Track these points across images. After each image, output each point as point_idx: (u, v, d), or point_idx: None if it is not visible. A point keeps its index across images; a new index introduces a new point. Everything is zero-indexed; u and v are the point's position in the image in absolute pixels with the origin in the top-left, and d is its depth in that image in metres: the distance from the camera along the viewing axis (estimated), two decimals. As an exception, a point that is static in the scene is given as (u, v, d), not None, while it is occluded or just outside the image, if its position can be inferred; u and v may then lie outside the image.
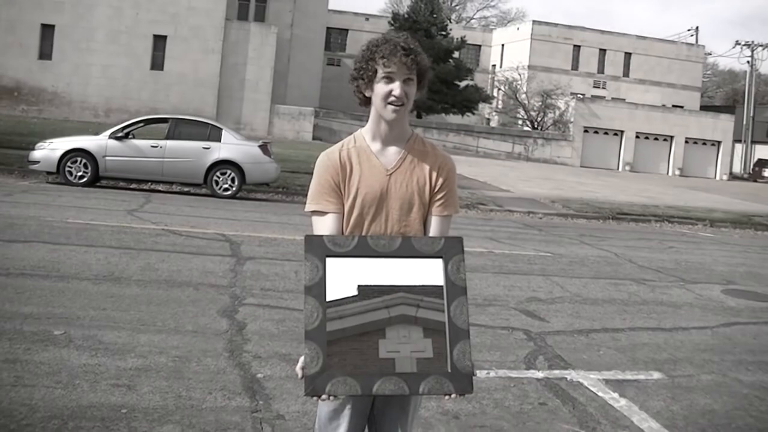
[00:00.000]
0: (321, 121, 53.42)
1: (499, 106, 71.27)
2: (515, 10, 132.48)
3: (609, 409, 6.44)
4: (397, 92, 3.35)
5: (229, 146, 20.29)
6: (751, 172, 71.79)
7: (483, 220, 20.62)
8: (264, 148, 20.84)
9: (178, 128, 20.46)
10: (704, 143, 65.46)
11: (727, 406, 6.83)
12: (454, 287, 3.08)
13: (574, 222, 23.11)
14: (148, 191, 20.21)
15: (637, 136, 63.21)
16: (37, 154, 19.77)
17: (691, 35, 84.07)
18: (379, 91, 3.38)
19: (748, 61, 76.00)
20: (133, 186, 20.68)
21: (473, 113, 65.41)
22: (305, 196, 3.55)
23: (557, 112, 63.17)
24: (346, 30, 73.78)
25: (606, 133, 62.41)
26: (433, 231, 3.46)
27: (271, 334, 7.63)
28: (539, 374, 7.20)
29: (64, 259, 10.24)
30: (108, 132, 20.20)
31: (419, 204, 3.46)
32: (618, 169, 62.02)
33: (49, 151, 19.66)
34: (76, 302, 8.18)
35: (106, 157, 19.59)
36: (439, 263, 3.10)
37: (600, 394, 6.78)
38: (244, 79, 50.40)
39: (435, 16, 64.74)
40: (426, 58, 3.47)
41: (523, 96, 66.07)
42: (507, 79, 68.93)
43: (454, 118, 64.41)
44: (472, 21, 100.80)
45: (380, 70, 3.38)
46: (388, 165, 3.46)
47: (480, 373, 6.81)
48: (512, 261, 13.77)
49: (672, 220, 25.26)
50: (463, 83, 63.13)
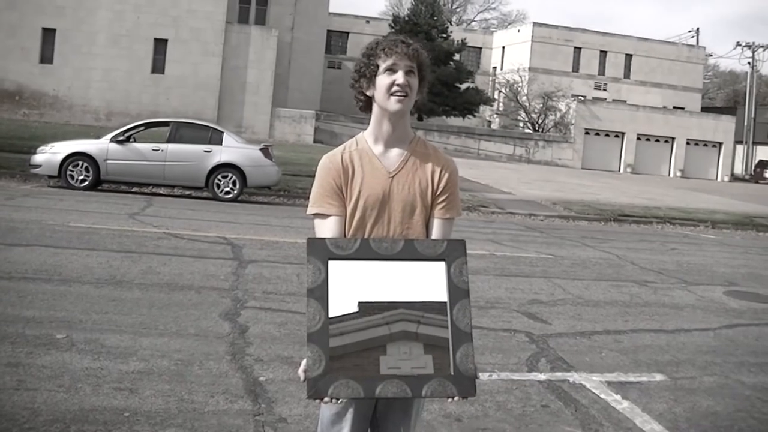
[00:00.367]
0: (322, 124, 53.44)
1: (500, 109, 71.28)
2: (516, 12, 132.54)
3: (611, 411, 6.43)
4: (400, 80, 3.36)
5: (231, 149, 20.30)
6: (753, 173, 71.84)
7: (485, 223, 20.62)
8: (265, 151, 20.85)
9: (180, 132, 20.47)
10: (705, 145, 65.47)
11: (729, 408, 6.82)
12: (457, 290, 3.07)
13: (576, 224, 23.09)
14: (149, 195, 20.23)
15: (639, 138, 63.22)
16: (38, 158, 19.77)
17: (692, 37, 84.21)
18: (381, 84, 3.39)
19: (749, 63, 76.16)
20: (135, 190, 20.70)
21: (474, 116, 65.43)
22: (307, 199, 3.54)
23: (558, 114, 63.18)
24: (347, 33, 73.80)
25: (607, 135, 62.41)
26: (436, 234, 3.45)
27: (273, 337, 7.64)
28: (541, 376, 7.19)
29: (65, 263, 10.25)
30: (109, 136, 20.21)
31: (421, 207, 3.45)
32: (619, 170, 62.01)
33: (51, 155, 19.67)
34: (78, 306, 8.18)
35: (108, 161, 19.59)
36: (441, 266, 3.09)
37: (602, 396, 6.78)
38: (245, 82, 50.39)
39: (435, 18, 64.76)
40: (426, 54, 3.49)
41: (524, 98, 66.10)
42: (508, 81, 68.92)
43: (455, 121, 64.43)
44: (473, 23, 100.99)
45: (382, 64, 3.40)
46: (390, 167, 3.45)
47: (482, 376, 6.81)
48: (514, 263, 13.77)
49: (674, 222, 25.26)
50: (463, 86, 63.17)
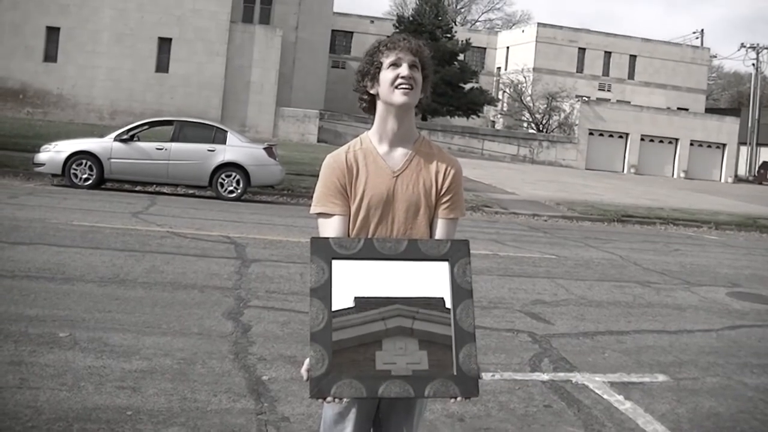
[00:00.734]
0: (326, 124, 53.42)
1: (504, 109, 71.25)
2: (520, 13, 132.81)
3: (614, 411, 6.43)
4: (405, 72, 3.37)
5: (234, 149, 20.31)
6: (756, 174, 71.68)
7: (488, 223, 20.62)
8: (269, 150, 20.85)
9: (183, 131, 20.49)
10: (709, 146, 65.37)
11: (732, 409, 6.82)
12: (461, 290, 3.07)
13: (579, 224, 23.08)
14: (153, 194, 20.24)
15: (642, 139, 63.12)
16: (42, 157, 19.78)
17: (697, 38, 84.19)
18: (386, 78, 3.40)
19: (754, 64, 75.98)
20: (138, 188, 20.72)
21: (478, 116, 65.38)
22: (310, 198, 3.55)
23: (562, 115, 63.11)
24: (351, 33, 73.78)
25: (611, 136, 62.33)
26: (439, 234, 3.44)
27: (276, 336, 7.64)
28: (544, 377, 7.19)
29: (69, 262, 10.26)
30: (113, 134, 20.23)
31: (425, 206, 3.45)
32: (623, 171, 61.91)
33: (55, 153, 19.69)
34: (81, 304, 8.18)
35: (111, 160, 19.61)
36: (445, 266, 3.09)
37: (605, 396, 6.78)
38: (249, 81, 50.38)
39: (440, 18, 64.76)
40: (428, 51, 3.51)
41: (528, 98, 66.02)
42: (512, 81, 68.88)
43: (459, 121, 64.38)
44: (477, 23, 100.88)
45: (385, 60, 3.41)
46: (394, 167, 3.44)
47: (485, 376, 6.82)
48: (517, 263, 13.77)
49: (677, 223, 25.24)
50: (468, 86, 63.16)
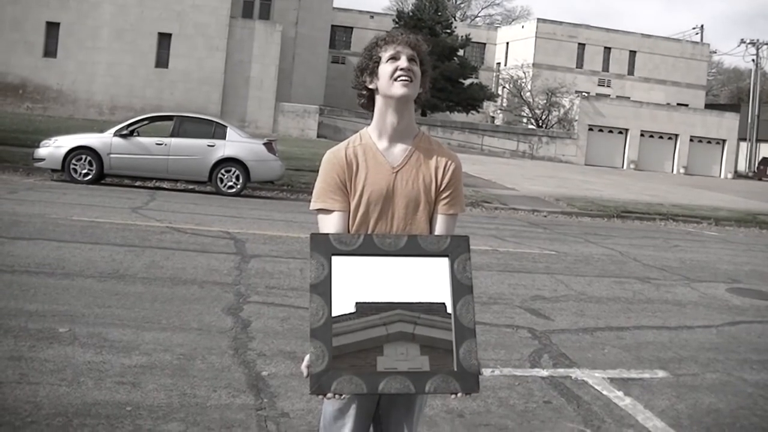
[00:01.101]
0: (326, 119, 53.44)
1: (504, 104, 71.26)
2: (520, 9, 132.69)
3: (614, 407, 6.43)
4: (404, 64, 3.38)
5: (234, 144, 20.29)
6: (756, 170, 71.72)
7: (487, 218, 20.62)
8: (269, 145, 20.84)
9: (183, 126, 20.47)
10: (709, 142, 65.38)
11: (731, 405, 6.82)
12: (461, 286, 3.06)
13: (579, 220, 23.08)
14: (152, 189, 20.22)
15: (642, 135, 63.11)
16: (42, 152, 19.77)
17: (696, 33, 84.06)
18: (385, 71, 3.41)
19: (753, 60, 75.93)
20: (138, 183, 20.69)
21: (478, 111, 65.37)
22: (310, 193, 3.55)
23: (562, 111, 63.10)
24: (351, 28, 73.73)
25: (611, 132, 62.33)
26: (439, 230, 3.44)
27: (276, 332, 7.63)
28: (544, 372, 7.19)
29: (68, 257, 10.25)
30: (113, 130, 20.21)
31: (425, 202, 3.44)
32: (623, 167, 61.92)
33: (54, 148, 19.67)
34: (81, 300, 8.18)
35: (111, 155, 19.60)
36: (445, 262, 3.09)
37: (605, 392, 6.77)
38: (249, 76, 50.39)
39: (440, 14, 64.76)
40: (426, 46, 3.52)
41: (528, 94, 66.04)
42: (512, 77, 68.88)
43: (459, 116, 64.38)
44: (477, 19, 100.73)
45: (384, 54, 3.42)
46: (394, 162, 3.44)
47: (485, 372, 6.81)
48: (517, 259, 13.76)
49: (677, 219, 25.22)
50: (467, 81, 63.13)
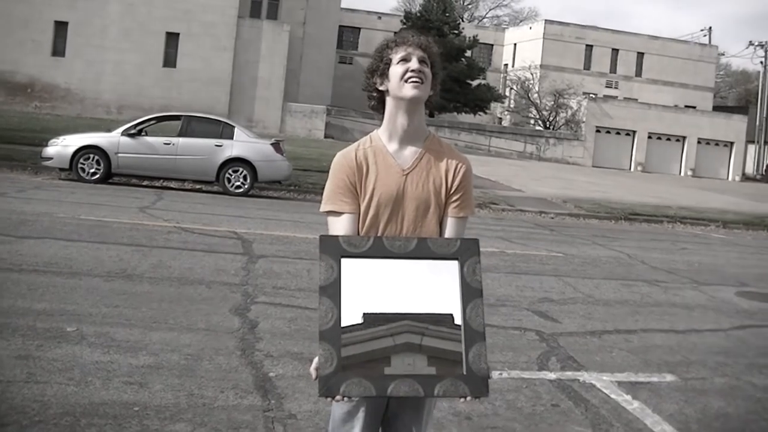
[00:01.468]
0: (333, 119, 53.40)
1: (511, 106, 71.15)
2: (527, 10, 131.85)
3: (622, 411, 6.41)
4: (414, 66, 3.37)
5: (242, 144, 20.30)
6: (764, 173, 71.54)
7: (495, 220, 20.60)
8: (276, 146, 20.85)
9: (191, 126, 20.50)
10: (717, 144, 65.22)
11: (740, 409, 6.79)
12: (470, 289, 3.05)
13: (586, 222, 23.06)
14: (160, 188, 20.25)
15: (650, 137, 62.99)
16: (50, 151, 19.82)
17: (705, 35, 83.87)
18: (395, 73, 3.40)
19: (762, 62, 75.75)
20: (146, 183, 20.72)
21: (485, 112, 65.23)
22: (317, 194, 3.54)
23: (569, 112, 62.98)
24: (359, 28, 73.68)
25: (618, 133, 62.21)
26: (449, 232, 3.43)
27: (283, 333, 7.62)
28: (552, 375, 7.17)
29: (76, 256, 10.26)
30: (120, 129, 20.26)
31: (435, 205, 3.43)
32: (630, 169, 61.79)
33: (62, 147, 19.72)
34: (89, 299, 8.18)
35: (119, 154, 19.63)
36: (454, 265, 3.07)
37: (613, 396, 6.75)
38: (257, 76, 50.40)
39: (447, 14, 64.68)
40: (437, 49, 3.51)
41: (535, 95, 65.92)
42: (519, 78, 68.76)
43: (466, 118, 64.26)
44: (485, 20, 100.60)
45: (395, 56, 3.42)
46: (404, 165, 3.43)
47: (492, 374, 6.78)
48: (524, 261, 13.74)
49: (684, 221, 25.20)
50: (475, 82, 62.98)
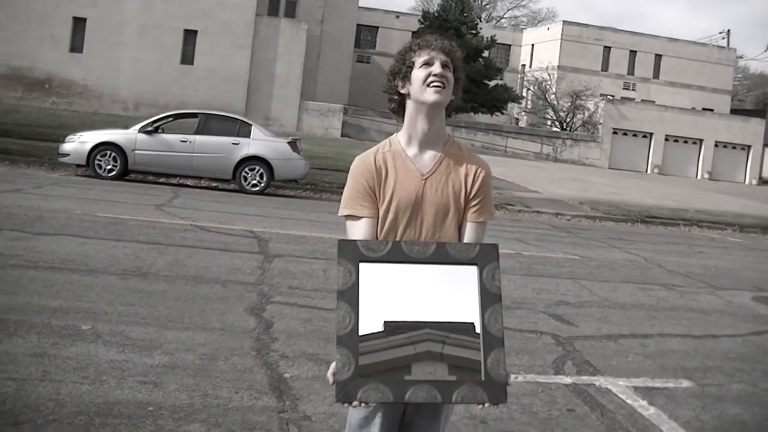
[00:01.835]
0: (350, 118, 53.37)
1: (528, 107, 71.02)
2: (545, 10, 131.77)
3: (638, 417, 6.37)
4: (437, 70, 3.34)
5: (259, 142, 20.30)
6: (782, 177, 71.17)
7: (511, 221, 20.52)
8: (293, 144, 20.84)
9: (208, 123, 20.51)
10: (734, 147, 64.91)
11: (757, 417, 6.74)
12: (489, 295, 3.02)
13: (603, 224, 22.97)
14: (176, 186, 20.28)
15: (667, 139, 62.75)
16: (67, 147, 19.86)
17: (723, 38, 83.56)
18: (417, 77, 3.37)
19: (781, 65, 75.34)
20: (162, 180, 20.75)
21: (502, 113, 65.12)
22: (333, 193, 3.53)
23: (586, 113, 62.80)
24: (377, 27, 73.68)
25: (635, 135, 62.01)
26: (468, 237, 3.41)
27: (299, 333, 7.59)
28: (567, 380, 7.13)
29: (92, 253, 10.27)
30: (137, 126, 20.27)
31: (454, 209, 3.41)
32: (647, 171, 61.57)
33: (79, 144, 19.76)
34: (104, 297, 8.18)
35: (136, 151, 19.66)
36: (473, 270, 3.05)
37: (629, 401, 6.71)
38: (274, 75, 50.47)
39: (465, 14, 64.56)
40: (460, 53, 3.48)
41: (553, 96, 65.80)
42: (536, 79, 68.62)
43: (483, 118, 64.13)
44: (502, 20, 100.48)
45: (418, 59, 3.40)
46: (423, 169, 3.41)
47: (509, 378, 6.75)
48: (541, 263, 13.69)
49: (701, 225, 25.08)
50: (492, 83, 62.85)
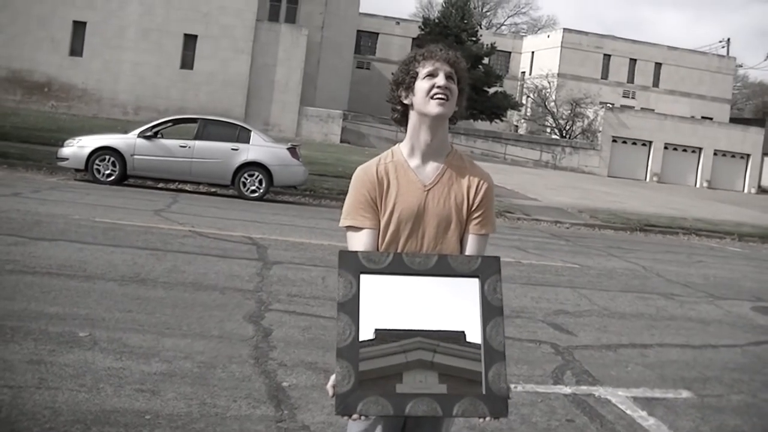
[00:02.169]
0: (349, 124, 53.33)
1: (528, 114, 71.07)
2: (546, 18, 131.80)
3: (638, 428, 6.34)
4: (441, 82, 3.32)
5: (258, 148, 20.29)
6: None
7: (510, 229, 20.49)
8: (293, 150, 20.81)
9: (207, 129, 20.50)
10: (733, 156, 64.93)
11: (757, 428, 6.72)
12: (491, 307, 3.00)
13: (602, 233, 22.95)
14: (175, 191, 20.25)
15: (666, 147, 62.77)
16: (65, 151, 19.84)
17: (723, 47, 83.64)
18: (421, 88, 3.35)
19: (780, 74, 75.42)
20: (161, 185, 20.72)
21: (502, 120, 65.20)
22: (333, 199, 3.50)
23: (586, 121, 62.86)
24: (377, 33, 73.76)
25: (634, 144, 62.03)
26: (470, 250, 3.38)
27: (297, 342, 7.53)
28: (567, 389, 7.10)
29: (90, 259, 10.24)
30: (137, 131, 20.26)
31: (456, 221, 3.39)
32: (646, 179, 61.60)
33: (78, 148, 19.74)
34: (102, 303, 8.15)
35: (135, 156, 19.64)
36: (475, 283, 3.03)
37: (628, 412, 6.68)
38: (274, 80, 50.46)
39: (466, 21, 64.65)
40: (464, 64, 3.45)
41: (552, 104, 65.87)
42: (536, 86, 68.65)
43: (483, 125, 64.16)
44: (503, 27, 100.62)
45: (422, 70, 3.37)
46: (425, 180, 3.38)
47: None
48: (540, 272, 13.66)
49: (700, 233, 25.08)
50: (492, 90, 62.95)
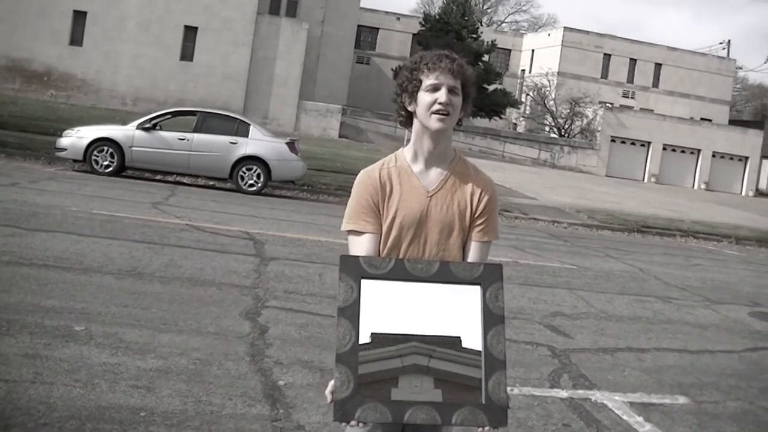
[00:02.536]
0: (348, 119, 53.28)
1: (527, 112, 71.05)
2: (546, 16, 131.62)
3: (634, 434, 6.32)
4: (442, 98, 3.27)
5: (257, 142, 20.24)
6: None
7: (508, 228, 20.45)
8: (291, 145, 20.78)
9: (206, 122, 20.45)
10: (731, 158, 64.93)
11: (754, 435, 6.71)
12: (492, 315, 2.98)
13: (599, 233, 22.94)
14: (173, 183, 20.22)
15: (664, 148, 62.78)
16: (64, 142, 19.79)
17: (723, 48, 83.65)
18: (423, 101, 3.31)
19: (780, 77, 75.44)
20: (158, 177, 20.66)
21: (500, 117, 65.19)
22: (330, 194, 3.46)
23: (585, 121, 62.87)
24: (377, 29, 73.68)
25: (633, 144, 62.04)
26: (472, 257, 3.36)
27: (294, 340, 7.50)
28: (563, 393, 7.08)
29: (87, 252, 10.19)
30: (135, 122, 20.20)
31: (459, 228, 3.36)
32: (644, 180, 61.61)
33: (77, 139, 19.68)
34: (98, 297, 8.11)
35: (133, 148, 19.59)
36: (476, 290, 3.01)
37: (625, 417, 6.66)
38: (273, 74, 50.37)
39: (466, 18, 64.56)
40: (470, 70, 3.39)
41: (552, 102, 65.86)
42: (536, 84, 68.63)
43: (481, 122, 64.13)
44: (503, 25, 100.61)
45: (425, 80, 3.32)
46: (428, 186, 3.36)
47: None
48: (537, 273, 13.63)
49: (697, 236, 25.07)
50: (491, 87, 62.87)
